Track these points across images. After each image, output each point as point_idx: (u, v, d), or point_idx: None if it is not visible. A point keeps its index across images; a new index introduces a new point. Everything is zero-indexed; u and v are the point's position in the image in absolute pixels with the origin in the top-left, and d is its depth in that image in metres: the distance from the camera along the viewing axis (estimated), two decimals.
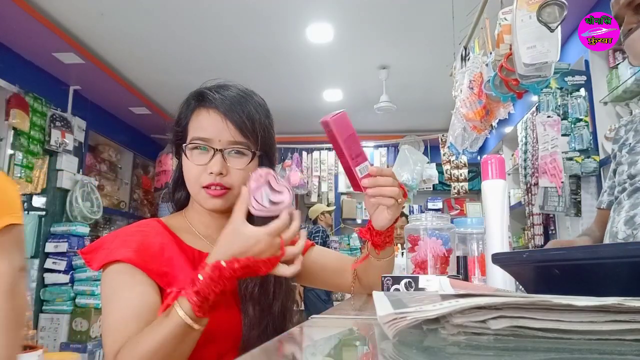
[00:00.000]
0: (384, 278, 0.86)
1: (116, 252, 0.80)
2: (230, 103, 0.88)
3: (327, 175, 5.47)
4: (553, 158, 2.78)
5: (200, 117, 0.89)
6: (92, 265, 0.82)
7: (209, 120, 0.88)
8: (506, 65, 1.82)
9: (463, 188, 5.18)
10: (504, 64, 1.83)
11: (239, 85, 0.94)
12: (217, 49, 3.66)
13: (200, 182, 0.87)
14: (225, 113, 0.87)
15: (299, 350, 0.47)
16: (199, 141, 0.87)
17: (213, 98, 0.89)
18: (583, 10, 2.72)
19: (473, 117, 2.33)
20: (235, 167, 0.88)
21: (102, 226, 4.94)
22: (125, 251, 0.80)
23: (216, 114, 0.88)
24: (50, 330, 3.59)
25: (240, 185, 0.88)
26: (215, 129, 0.87)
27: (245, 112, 0.89)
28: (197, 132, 0.88)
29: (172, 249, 0.85)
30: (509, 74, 1.83)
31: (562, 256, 0.47)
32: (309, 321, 0.64)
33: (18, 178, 3.48)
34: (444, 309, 0.33)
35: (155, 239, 0.85)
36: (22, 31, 3.22)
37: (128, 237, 0.83)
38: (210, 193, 0.87)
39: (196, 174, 0.87)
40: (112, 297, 0.79)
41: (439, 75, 3.63)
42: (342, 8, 3.13)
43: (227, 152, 0.88)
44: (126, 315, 0.76)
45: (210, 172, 0.86)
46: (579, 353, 0.31)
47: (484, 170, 0.79)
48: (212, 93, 0.89)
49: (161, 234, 0.87)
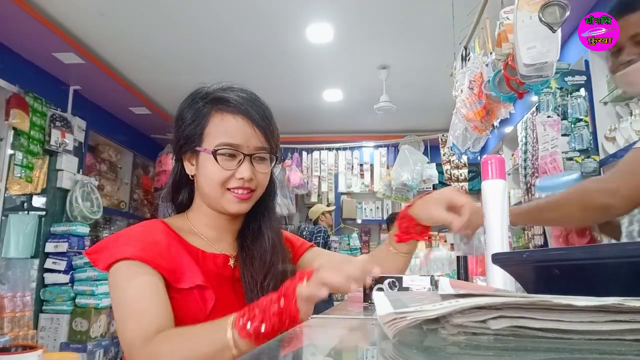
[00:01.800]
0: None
1: (123, 250, 0.80)
2: (257, 110, 0.90)
3: (327, 175, 5.47)
4: (553, 158, 2.78)
5: (225, 121, 0.89)
6: (99, 265, 0.82)
7: (237, 126, 0.88)
8: (512, 63, 1.82)
9: (463, 188, 5.17)
10: (510, 62, 1.82)
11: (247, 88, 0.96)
12: (217, 49, 3.66)
13: (225, 185, 0.88)
14: (253, 119, 0.89)
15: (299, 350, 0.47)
16: (228, 147, 0.87)
17: (237, 102, 0.89)
18: (583, 10, 2.72)
19: (473, 118, 2.33)
20: (261, 172, 0.91)
21: (102, 226, 4.94)
22: (131, 249, 0.80)
23: (244, 120, 0.89)
24: (50, 330, 3.59)
25: (263, 187, 0.93)
26: (245, 135, 0.88)
27: (268, 118, 0.92)
28: (225, 137, 0.88)
29: (178, 247, 0.86)
30: (514, 73, 1.82)
31: (562, 256, 0.47)
32: (309, 321, 0.64)
33: (18, 178, 3.48)
34: (444, 309, 0.33)
35: (161, 237, 0.85)
36: (22, 31, 3.22)
37: (134, 236, 0.84)
38: (238, 196, 0.88)
39: (223, 178, 0.88)
40: (123, 290, 0.79)
41: (439, 75, 3.63)
42: (342, 8, 3.13)
43: (254, 157, 0.90)
44: (143, 302, 0.76)
45: (240, 178, 0.87)
46: (579, 353, 0.31)
47: (484, 171, 0.79)
48: (235, 97, 0.90)
49: (166, 233, 0.87)
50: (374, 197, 5.66)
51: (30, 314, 3.39)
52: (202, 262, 0.87)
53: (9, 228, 3.52)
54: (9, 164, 3.44)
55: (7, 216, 3.55)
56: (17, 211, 3.67)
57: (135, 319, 0.75)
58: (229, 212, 0.90)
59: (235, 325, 0.66)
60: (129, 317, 0.76)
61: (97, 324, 3.66)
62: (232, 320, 0.67)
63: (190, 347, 0.69)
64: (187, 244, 0.88)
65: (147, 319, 0.74)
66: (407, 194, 5.14)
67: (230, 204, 0.89)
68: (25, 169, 3.52)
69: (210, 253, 0.90)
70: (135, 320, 0.75)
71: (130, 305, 0.77)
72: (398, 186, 5.04)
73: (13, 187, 3.49)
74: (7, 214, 3.56)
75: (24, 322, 3.29)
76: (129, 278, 0.79)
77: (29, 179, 3.55)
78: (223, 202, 0.89)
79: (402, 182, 4.97)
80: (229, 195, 0.88)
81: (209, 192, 0.89)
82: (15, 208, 3.67)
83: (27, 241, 3.56)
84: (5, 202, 3.53)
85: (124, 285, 0.79)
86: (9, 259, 3.56)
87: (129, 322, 0.75)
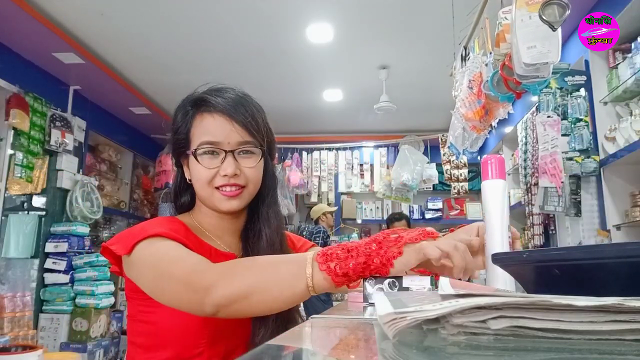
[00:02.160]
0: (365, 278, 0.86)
1: (146, 231, 0.79)
2: (233, 105, 0.89)
3: (327, 175, 5.47)
4: (553, 158, 2.78)
5: (204, 122, 0.89)
6: (121, 251, 0.79)
7: (215, 124, 0.89)
8: (509, 63, 1.82)
9: (463, 188, 5.18)
10: (506, 62, 1.83)
11: (235, 87, 0.95)
12: (217, 49, 3.66)
13: (213, 184, 0.88)
14: (230, 115, 0.88)
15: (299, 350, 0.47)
16: (208, 145, 0.88)
17: (216, 102, 0.89)
18: (583, 10, 2.72)
19: (472, 117, 2.33)
20: (247, 167, 0.89)
21: (102, 226, 4.94)
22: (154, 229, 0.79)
23: (221, 116, 0.89)
24: (50, 330, 3.59)
25: (254, 183, 0.91)
26: (223, 132, 0.88)
27: (249, 111, 0.90)
28: (205, 136, 0.88)
29: (194, 241, 0.86)
30: (511, 73, 1.83)
31: (562, 256, 0.47)
32: (309, 321, 0.64)
33: (18, 178, 3.47)
34: (444, 309, 0.33)
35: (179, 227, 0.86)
36: (22, 31, 3.22)
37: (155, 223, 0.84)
38: (226, 194, 0.88)
39: (208, 177, 0.88)
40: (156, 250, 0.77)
41: (439, 75, 3.63)
42: (342, 8, 3.13)
43: (237, 152, 0.89)
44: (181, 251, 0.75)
45: (224, 175, 0.87)
46: (579, 353, 0.31)
47: (484, 170, 0.79)
48: (213, 97, 0.90)
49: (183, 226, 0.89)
50: (374, 197, 5.66)
51: (30, 314, 3.39)
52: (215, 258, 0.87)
53: (9, 228, 3.52)
54: (9, 164, 3.44)
55: (7, 216, 3.55)
56: (17, 211, 3.67)
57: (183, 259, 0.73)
58: (222, 211, 0.90)
59: (316, 257, 0.67)
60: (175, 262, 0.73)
61: (97, 324, 3.66)
62: (313, 255, 0.68)
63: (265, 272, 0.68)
64: (201, 241, 0.89)
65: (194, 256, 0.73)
66: (407, 194, 5.14)
67: (220, 203, 0.88)
68: (25, 169, 3.52)
69: (222, 252, 0.91)
70: (184, 260, 0.73)
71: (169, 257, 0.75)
72: (398, 186, 5.04)
73: (13, 187, 3.49)
74: (7, 214, 3.56)
75: (24, 322, 3.29)
76: (156, 245, 0.77)
77: (29, 179, 3.55)
78: (214, 201, 0.89)
79: (402, 182, 4.97)
80: (218, 194, 0.88)
81: (201, 193, 0.90)
82: (15, 208, 3.67)
83: (27, 241, 3.56)
84: (5, 202, 3.52)
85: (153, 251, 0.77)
86: (9, 259, 3.56)
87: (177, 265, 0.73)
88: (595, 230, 2.76)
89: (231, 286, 0.68)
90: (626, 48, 2.55)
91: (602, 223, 2.72)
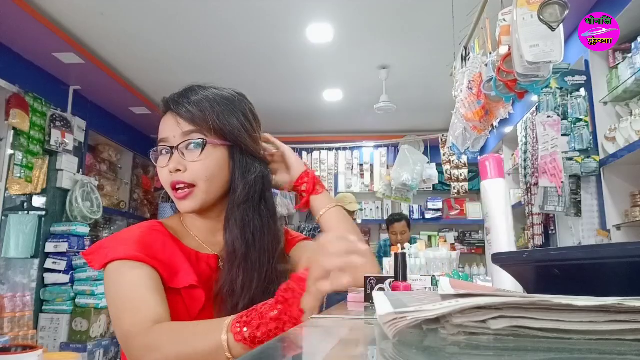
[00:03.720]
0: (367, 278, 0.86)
1: (117, 250, 0.80)
2: (177, 98, 0.88)
3: (327, 175, 5.46)
4: (553, 158, 2.78)
5: (161, 122, 0.90)
6: (94, 265, 0.82)
7: (164, 121, 0.89)
8: (502, 67, 1.82)
9: (463, 188, 5.18)
10: (500, 67, 1.83)
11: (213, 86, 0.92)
12: (217, 49, 3.66)
13: (170, 185, 0.87)
14: (173, 109, 0.87)
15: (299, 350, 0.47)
16: (160, 144, 0.88)
17: (168, 101, 0.89)
18: (583, 10, 2.72)
19: (472, 118, 2.33)
20: (192, 160, 0.84)
21: (102, 226, 4.94)
22: (125, 249, 0.80)
23: (170, 114, 0.88)
24: (50, 330, 3.59)
25: (204, 179, 0.85)
26: (170, 128, 0.87)
27: (192, 101, 0.87)
28: (159, 136, 0.89)
29: (173, 247, 0.86)
30: (507, 76, 1.83)
31: (562, 256, 0.47)
32: (309, 321, 0.64)
33: (18, 178, 3.47)
34: (444, 309, 0.33)
35: (156, 238, 0.85)
36: (22, 31, 3.22)
37: (128, 237, 0.83)
38: (177, 196, 0.86)
39: (164, 177, 0.87)
40: (118, 284, 0.77)
41: (439, 76, 3.63)
42: (342, 8, 3.13)
43: (183, 146, 0.86)
44: (139, 293, 0.75)
45: (170, 172, 0.85)
46: (579, 353, 0.31)
47: (483, 170, 0.79)
48: (171, 97, 0.90)
49: (162, 234, 0.87)
50: (374, 197, 5.66)
51: (30, 314, 3.39)
52: (196, 263, 0.86)
53: (9, 228, 3.52)
54: (9, 164, 3.44)
55: (7, 216, 3.55)
56: (17, 211, 3.67)
57: (132, 310, 0.73)
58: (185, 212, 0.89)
59: (231, 328, 0.65)
60: (125, 310, 0.74)
61: (97, 324, 3.66)
62: (228, 323, 0.66)
63: (187, 341, 0.67)
64: (182, 245, 0.88)
65: (143, 309, 0.73)
66: (407, 194, 5.14)
67: (178, 204, 0.87)
68: (25, 169, 3.52)
69: (204, 254, 0.89)
70: (132, 311, 0.73)
71: (125, 297, 0.75)
72: (398, 186, 5.04)
73: (13, 187, 3.49)
74: (7, 214, 3.56)
75: (24, 322, 3.29)
76: (123, 273, 0.78)
77: (29, 179, 3.55)
78: (175, 203, 0.88)
79: (402, 182, 4.97)
80: (174, 195, 0.87)
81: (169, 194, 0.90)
82: (15, 208, 3.67)
83: (27, 241, 3.56)
84: (5, 202, 3.53)
85: (119, 280, 0.78)
86: (9, 259, 3.56)
87: (125, 314, 0.74)
88: (595, 230, 2.76)
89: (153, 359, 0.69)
90: (626, 48, 2.55)
91: (602, 223, 2.72)
